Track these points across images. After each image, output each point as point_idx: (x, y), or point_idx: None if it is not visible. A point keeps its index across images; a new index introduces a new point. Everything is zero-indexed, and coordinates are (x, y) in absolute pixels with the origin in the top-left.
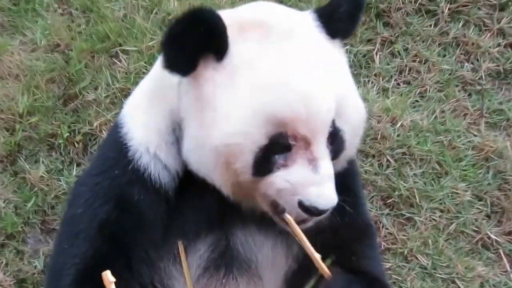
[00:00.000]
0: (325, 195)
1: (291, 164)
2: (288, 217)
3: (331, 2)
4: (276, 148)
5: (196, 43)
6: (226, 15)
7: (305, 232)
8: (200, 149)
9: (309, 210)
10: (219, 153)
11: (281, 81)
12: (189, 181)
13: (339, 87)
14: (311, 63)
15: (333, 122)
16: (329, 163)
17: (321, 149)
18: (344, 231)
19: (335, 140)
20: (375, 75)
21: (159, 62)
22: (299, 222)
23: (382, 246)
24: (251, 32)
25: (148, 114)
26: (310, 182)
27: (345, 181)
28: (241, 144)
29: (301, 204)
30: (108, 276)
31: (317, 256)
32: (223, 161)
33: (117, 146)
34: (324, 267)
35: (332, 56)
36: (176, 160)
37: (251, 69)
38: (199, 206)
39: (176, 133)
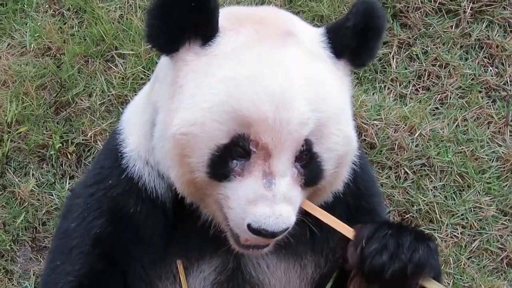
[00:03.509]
0: (275, 215)
1: (246, 175)
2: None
3: (342, 17)
4: (235, 151)
5: (182, 17)
6: (231, 9)
7: None
8: (163, 137)
9: (258, 232)
10: (176, 142)
11: (255, 77)
12: None
13: (324, 108)
14: (297, 69)
15: (310, 144)
16: (288, 183)
17: (281, 165)
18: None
19: (309, 164)
20: (391, 80)
21: (160, 64)
22: (249, 247)
23: None
24: (246, 26)
25: (141, 115)
26: (259, 198)
27: (365, 201)
28: (198, 136)
29: (249, 227)
30: None
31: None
32: (179, 153)
33: (112, 154)
34: (347, 227)
35: (328, 73)
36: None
37: (229, 60)
38: (203, 224)
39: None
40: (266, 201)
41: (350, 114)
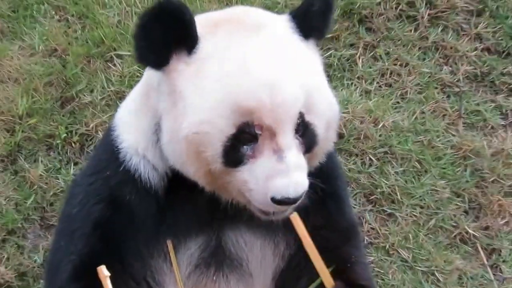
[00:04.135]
0: (293, 183)
1: (258, 156)
2: (296, 219)
3: (303, 2)
4: (244, 138)
5: (164, 34)
6: (205, 16)
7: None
8: (174, 141)
9: (282, 202)
10: (190, 142)
11: (245, 70)
12: (179, 181)
13: (308, 83)
14: (278, 56)
15: (302, 115)
16: (296, 153)
17: (287, 139)
18: (329, 233)
19: (306, 133)
20: (358, 78)
21: (149, 73)
22: (273, 213)
23: (365, 240)
24: (221, 28)
25: (136, 117)
26: (276, 172)
27: (329, 184)
28: (209, 133)
29: (273, 199)
30: (103, 271)
31: (322, 265)
32: (194, 150)
33: (109, 149)
34: (329, 277)
35: (303, 53)
36: (162, 161)
37: (218, 60)
38: (190, 206)
39: (157, 133)
40: (282, 173)
41: (327, 83)
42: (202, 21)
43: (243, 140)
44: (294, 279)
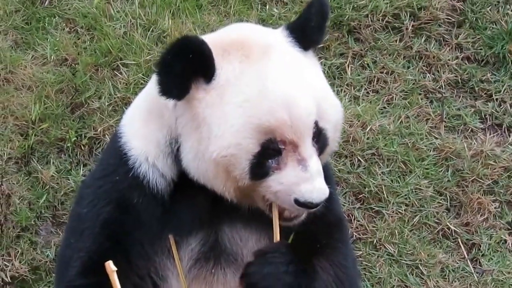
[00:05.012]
0: (317, 189)
1: (283, 167)
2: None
3: (300, 16)
4: (268, 153)
5: (185, 68)
6: (209, 40)
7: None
8: (200, 161)
9: (304, 205)
10: (218, 164)
11: (263, 93)
12: (183, 184)
13: (317, 92)
14: (289, 74)
15: (316, 123)
16: (316, 160)
17: (308, 149)
18: (315, 225)
19: (320, 138)
20: (347, 85)
21: (153, 80)
22: (293, 217)
23: (354, 236)
24: (233, 54)
25: (147, 128)
26: (301, 180)
27: None
28: (236, 154)
29: (297, 201)
30: (110, 266)
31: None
32: (223, 170)
33: (117, 154)
34: (277, 233)
35: (307, 65)
36: (171, 169)
37: (236, 86)
38: (191, 206)
39: (172, 146)
40: (307, 181)
41: (330, 88)
42: (211, 46)
43: (268, 155)
44: None
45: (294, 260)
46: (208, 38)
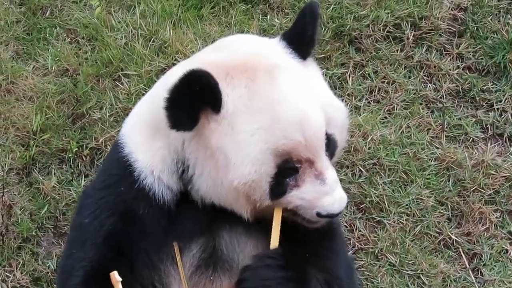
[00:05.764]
0: (338, 200)
1: (301, 184)
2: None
3: (295, 26)
4: (286, 173)
5: (194, 101)
6: (211, 65)
7: None
8: (219, 187)
9: (327, 216)
10: (239, 191)
11: (275, 118)
12: (187, 192)
13: (322, 100)
14: (296, 93)
15: (326, 131)
16: (332, 170)
17: (324, 162)
18: (306, 233)
19: (330, 144)
20: (348, 95)
21: (155, 91)
22: (317, 222)
23: (356, 246)
24: (237, 78)
25: (153, 144)
26: (321, 194)
27: None
28: (256, 180)
29: (319, 214)
30: (115, 276)
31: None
32: (243, 196)
33: (120, 165)
34: (276, 239)
35: (309, 76)
36: (176, 184)
37: (247, 114)
38: (193, 213)
39: (178, 165)
40: (327, 194)
41: (330, 91)
42: (212, 72)
43: (286, 175)
44: None
45: (290, 265)
46: (209, 61)
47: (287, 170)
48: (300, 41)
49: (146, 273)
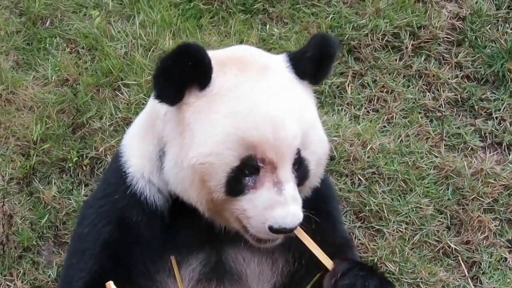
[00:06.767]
0: (290, 214)
1: (259, 187)
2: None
3: (302, 47)
4: (246, 170)
5: (183, 75)
6: (211, 53)
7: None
8: (179, 167)
9: (279, 231)
10: (195, 171)
11: (252, 108)
12: (182, 201)
13: (305, 121)
14: (280, 95)
15: (299, 151)
16: (293, 186)
17: (286, 173)
18: (325, 249)
19: (300, 168)
20: (347, 104)
21: (152, 97)
22: (266, 241)
23: None
24: (230, 67)
25: (142, 143)
26: (275, 203)
27: (324, 204)
28: (215, 164)
29: (271, 228)
30: (111, 286)
31: (321, 251)
32: (199, 179)
33: (117, 173)
34: (327, 258)
35: (299, 93)
36: (167, 184)
37: (227, 97)
38: (191, 225)
39: (161, 158)
40: (281, 205)
41: (320, 122)
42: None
43: (246, 172)
44: None
45: (375, 274)
46: (211, 52)
47: (249, 167)
48: (299, 59)
49: (144, 282)
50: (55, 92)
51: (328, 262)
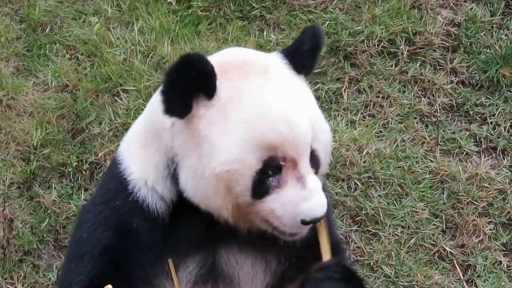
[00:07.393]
0: (317, 204)
1: (283, 185)
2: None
3: (295, 41)
4: (269, 170)
5: (189, 85)
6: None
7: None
8: (200, 178)
9: (312, 222)
10: (220, 179)
11: (265, 110)
12: (181, 206)
13: (311, 114)
14: (288, 93)
15: (311, 144)
16: (314, 177)
17: (307, 167)
18: (318, 251)
19: (313, 159)
20: (343, 109)
21: (150, 105)
22: (295, 234)
23: (352, 258)
24: (232, 72)
25: (146, 152)
26: (301, 199)
27: None
28: (240, 170)
29: (304, 222)
30: None
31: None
32: (224, 186)
33: (117, 180)
34: (327, 251)
35: (301, 88)
36: (170, 191)
37: (238, 104)
38: (188, 227)
39: (170, 167)
40: (308, 198)
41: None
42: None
43: (269, 173)
44: None
45: (350, 278)
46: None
47: (271, 168)
48: (295, 55)
49: (141, 287)
50: (55, 98)
51: (327, 258)
